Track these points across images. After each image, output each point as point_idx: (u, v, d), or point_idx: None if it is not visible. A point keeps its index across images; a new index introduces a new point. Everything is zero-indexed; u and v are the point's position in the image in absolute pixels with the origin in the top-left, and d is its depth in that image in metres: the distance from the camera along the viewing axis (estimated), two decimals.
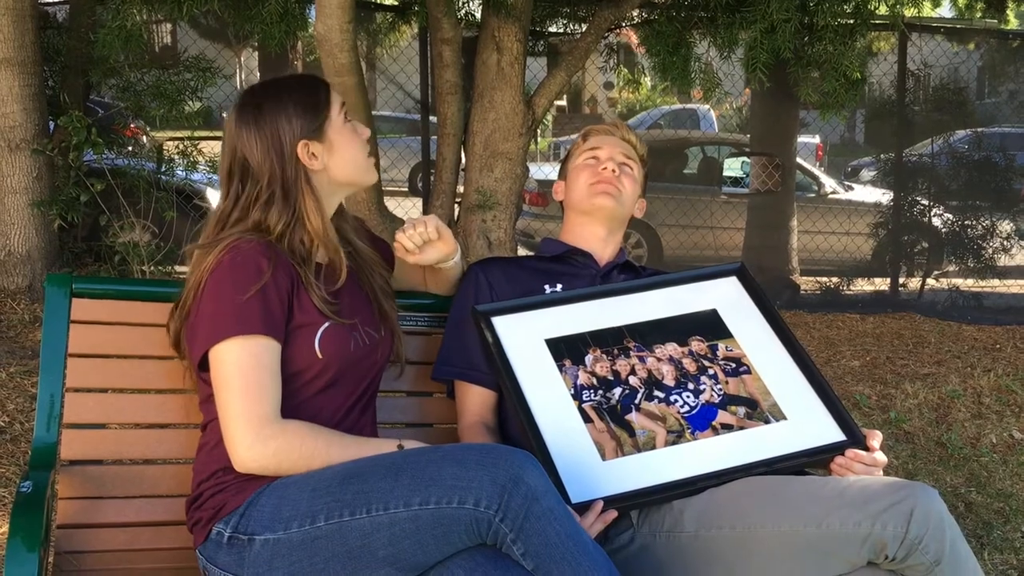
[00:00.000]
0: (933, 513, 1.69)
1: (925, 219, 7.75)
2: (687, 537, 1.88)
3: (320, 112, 1.93)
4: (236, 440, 1.74)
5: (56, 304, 2.02)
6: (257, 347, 1.77)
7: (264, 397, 1.76)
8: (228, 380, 1.76)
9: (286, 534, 1.68)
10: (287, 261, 1.86)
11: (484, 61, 4.31)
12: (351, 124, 2.00)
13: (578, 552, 1.59)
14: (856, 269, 8.16)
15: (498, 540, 1.60)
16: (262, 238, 1.86)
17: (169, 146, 6.02)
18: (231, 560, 1.74)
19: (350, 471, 1.69)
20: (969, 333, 6.36)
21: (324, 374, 1.87)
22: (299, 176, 1.90)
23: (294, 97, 1.93)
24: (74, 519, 1.99)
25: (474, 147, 4.37)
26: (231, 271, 1.79)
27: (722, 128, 15.72)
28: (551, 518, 1.59)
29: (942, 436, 4.49)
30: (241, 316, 1.77)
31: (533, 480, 1.59)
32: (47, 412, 1.99)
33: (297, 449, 1.75)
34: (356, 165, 1.99)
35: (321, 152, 1.93)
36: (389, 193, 5.59)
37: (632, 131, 2.43)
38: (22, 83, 5.22)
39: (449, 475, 1.59)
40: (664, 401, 2.00)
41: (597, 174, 2.27)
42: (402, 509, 1.60)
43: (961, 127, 8.19)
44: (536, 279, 2.24)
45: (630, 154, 2.34)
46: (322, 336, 1.86)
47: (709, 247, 8.48)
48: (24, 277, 5.37)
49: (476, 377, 2.14)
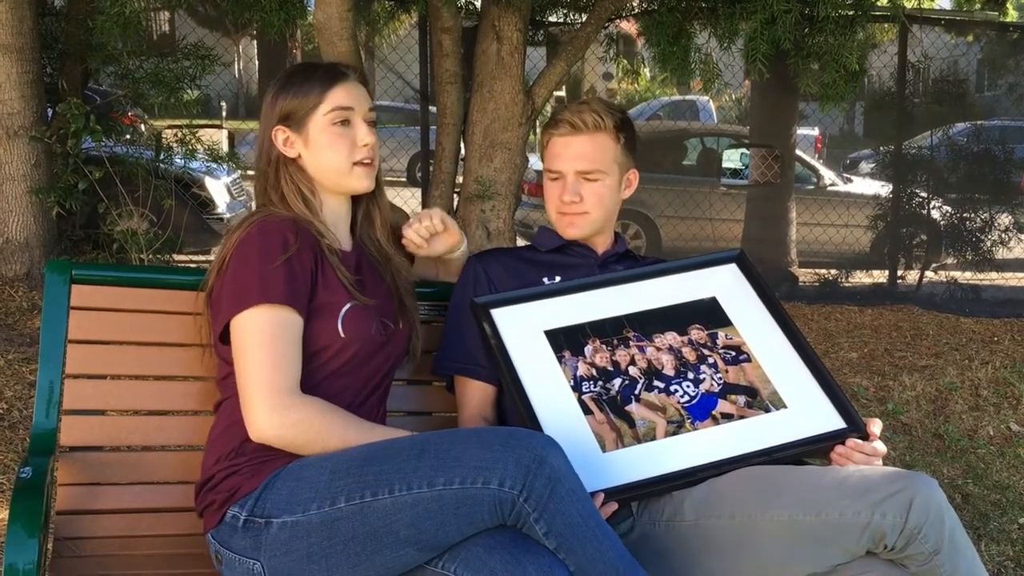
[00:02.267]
0: (933, 503, 1.69)
1: (924, 212, 7.75)
2: (687, 526, 1.88)
3: (306, 103, 1.95)
4: (255, 408, 1.75)
5: (56, 291, 2.02)
6: (281, 317, 1.79)
7: (286, 367, 1.77)
8: (251, 348, 1.77)
9: (305, 516, 1.68)
10: (313, 239, 1.89)
11: (484, 50, 4.29)
12: (344, 129, 1.97)
13: (599, 532, 1.62)
14: (854, 261, 8.15)
15: (520, 520, 1.61)
16: (289, 214, 1.90)
17: (167, 134, 6.00)
18: (247, 544, 1.74)
19: (370, 453, 1.70)
20: (967, 325, 6.35)
21: (344, 353, 1.88)
22: (276, 159, 1.97)
23: (296, 81, 1.97)
24: (73, 505, 1.99)
25: (473, 137, 4.35)
26: (258, 242, 1.83)
27: (721, 120, 15.69)
28: (573, 499, 1.61)
29: (939, 428, 4.49)
30: (266, 285, 1.79)
31: (556, 462, 1.61)
32: (46, 398, 1.99)
33: (316, 423, 1.76)
34: (332, 169, 1.98)
35: (298, 143, 1.96)
36: (387, 183, 5.56)
37: (599, 107, 2.20)
38: (20, 70, 5.19)
39: (473, 456, 1.61)
40: (664, 391, 1.99)
41: (561, 204, 2.19)
42: (426, 489, 1.61)
43: (960, 120, 8.18)
44: (534, 271, 2.22)
45: (596, 155, 2.17)
46: (345, 316, 1.88)
47: (708, 238, 8.47)
48: (22, 264, 5.36)
49: (476, 372, 2.13)
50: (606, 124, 2.18)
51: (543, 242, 2.30)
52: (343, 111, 1.96)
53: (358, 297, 1.90)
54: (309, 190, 1.97)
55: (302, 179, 1.97)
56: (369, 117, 2.00)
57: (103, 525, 2.00)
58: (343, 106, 1.96)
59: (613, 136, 2.19)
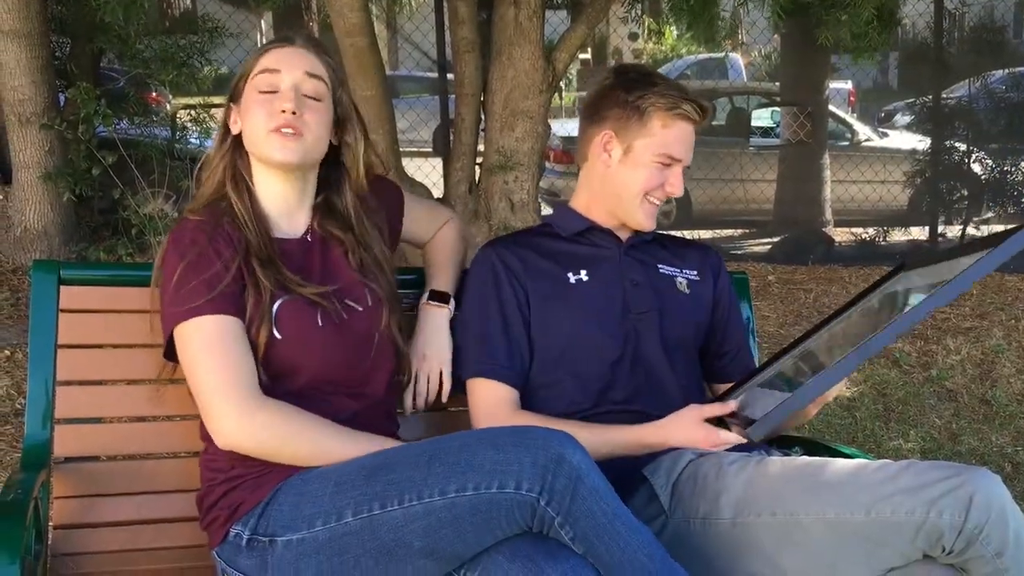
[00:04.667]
0: (995, 499, 1.54)
1: (964, 165, 7.51)
2: (724, 524, 1.75)
3: (243, 70, 1.84)
4: (220, 415, 1.66)
5: (43, 292, 1.91)
6: (216, 322, 1.68)
7: (239, 369, 1.67)
8: (196, 358, 1.68)
9: (310, 533, 1.59)
10: (233, 234, 1.76)
11: (501, 16, 4.17)
12: (269, 96, 1.79)
13: (626, 531, 1.51)
14: (892, 219, 7.93)
15: (544, 525, 1.51)
16: (206, 212, 1.79)
17: (182, 114, 5.90)
18: (253, 563, 1.66)
19: (375, 463, 1.60)
20: (1012, 284, 6.11)
21: (291, 357, 1.76)
22: (225, 140, 1.86)
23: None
24: (70, 519, 1.89)
25: (493, 106, 4.24)
26: (173, 255, 1.73)
27: (751, 77, 15.41)
28: (597, 497, 1.50)
29: (986, 393, 4.34)
30: (190, 298, 1.68)
31: (575, 458, 1.50)
32: (40, 408, 1.89)
33: (286, 423, 1.67)
34: (251, 138, 1.81)
35: (238, 117, 1.84)
36: (409, 155, 5.45)
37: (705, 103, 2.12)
38: (29, 55, 5.11)
39: (486, 459, 1.50)
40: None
41: (663, 194, 2.08)
42: (437, 497, 1.51)
43: (998, 67, 7.93)
44: (557, 268, 2.07)
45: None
46: (279, 312, 1.74)
47: (739, 201, 8.29)
48: (41, 253, 5.31)
49: (500, 374, 1.99)
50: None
51: (564, 224, 2.15)
52: (269, 74, 1.79)
53: (292, 288, 1.76)
54: (246, 172, 1.85)
55: (241, 159, 1.85)
56: (307, 86, 1.81)
57: (103, 539, 1.90)
58: (268, 68, 1.80)
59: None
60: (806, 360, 1.88)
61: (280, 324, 1.73)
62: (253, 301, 1.72)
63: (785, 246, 7.30)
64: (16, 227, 5.32)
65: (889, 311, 1.92)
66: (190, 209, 1.82)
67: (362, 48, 3.84)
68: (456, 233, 2.18)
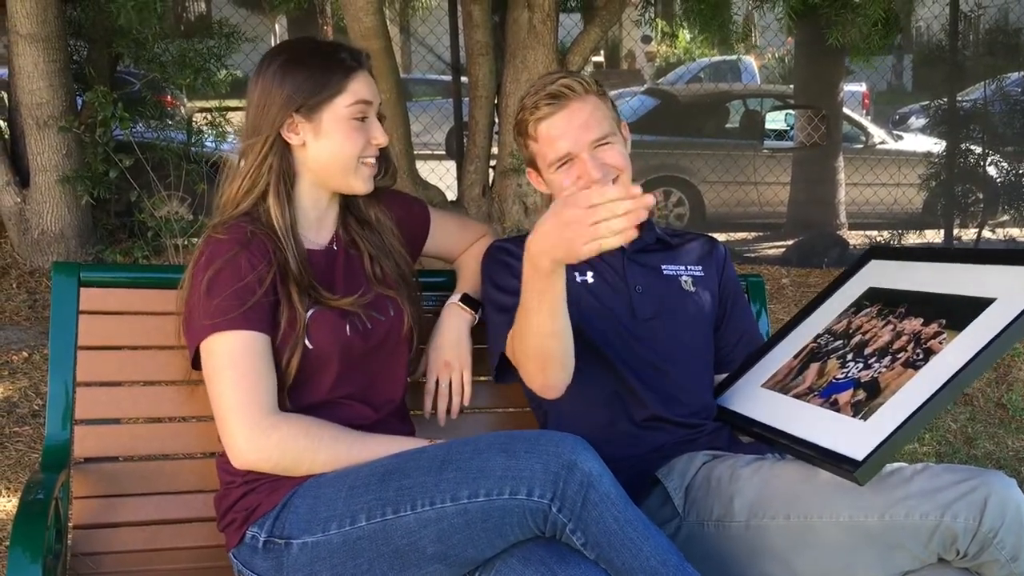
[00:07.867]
0: (1010, 503, 1.54)
1: (979, 168, 7.48)
2: (738, 527, 1.76)
3: (325, 90, 1.78)
4: (234, 433, 1.66)
5: (64, 294, 1.93)
6: (244, 339, 1.68)
7: (259, 387, 1.67)
8: (219, 372, 1.68)
9: (325, 536, 1.61)
10: (267, 246, 1.74)
11: (515, 19, 4.19)
12: (361, 124, 1.81)
13: (639, 538, 1.52)
14: (907, 222, 7.91)
15: (556, 531, 1.52)
16: (241, 222, 1.76)
17: (198, 117, 5.93)
18: (269, 565, 1.67)
19: (389, 467, 1.61)
20: None
21: (324, 367, 1.77)
22: (272, 149, 1.78)
23: (310, 63, 1.79)
24: (90, 519, 1.91)
25: (507, 109, 4.26)
26: (205, 262, 1.72)
27: (764, 79, 15.37)
28: (609, 504, 1.51)
29: (1003, 397, 4.32)
30: (223, 312, 1.68)
31: (588, 465, 1.51)
32: (60, 409, 1.90)
33: (301, 439, 1.67)
34: (340, 164, 1.81)
35: (306, 131, 1.80)
36: (423, 157, 5.46)
37: (563, 73, 2.03)
38: (47, 59, 5.14)
39: (498, 465, 1.52)
40: (843, 364, 1.87)
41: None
42: (449, 504, 1.52)
43: (1014, 70, 7.89)
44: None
45: (597, 115, 1.96)
46: (310, 323, 1.75)
47: (753, 204, 8.27)
48: (59, 255, 5.33)
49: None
50: (586, 83, 1.97)
51: None
52: (365, 106, 1.81)
53: (324, 299, 1.77)
54: (292, 183, 1.82)
55: (289, 169, 1.81)
56: (379, 113, 1.86)
57: (122, 539, 1.92)
58: (366, 100, 1.81)
59: (595, 91, 1.99)
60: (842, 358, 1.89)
61: (311, 334, 1.74)
62: (288, 316, 1.73)
63: (799, 249, 7.28)
64: (34, 229, 5.35)
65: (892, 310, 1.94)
66: (222, 216, 1.80)
67: (376, 51, 3.86)
68: None
